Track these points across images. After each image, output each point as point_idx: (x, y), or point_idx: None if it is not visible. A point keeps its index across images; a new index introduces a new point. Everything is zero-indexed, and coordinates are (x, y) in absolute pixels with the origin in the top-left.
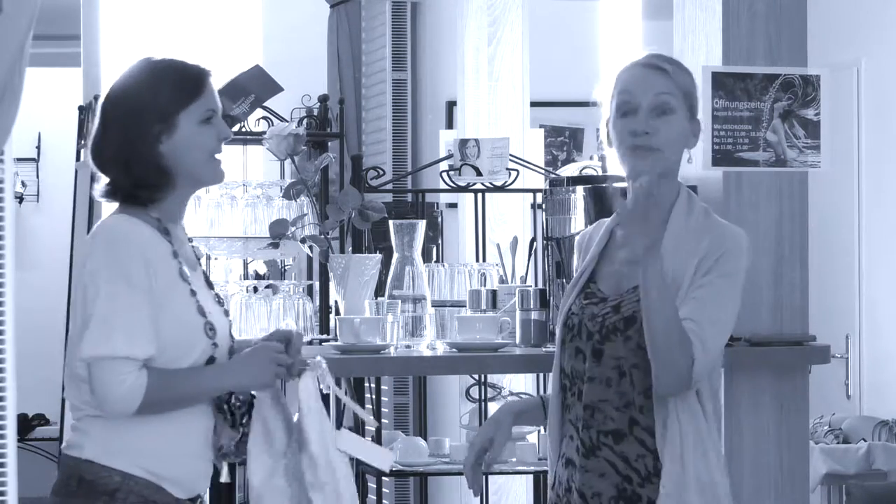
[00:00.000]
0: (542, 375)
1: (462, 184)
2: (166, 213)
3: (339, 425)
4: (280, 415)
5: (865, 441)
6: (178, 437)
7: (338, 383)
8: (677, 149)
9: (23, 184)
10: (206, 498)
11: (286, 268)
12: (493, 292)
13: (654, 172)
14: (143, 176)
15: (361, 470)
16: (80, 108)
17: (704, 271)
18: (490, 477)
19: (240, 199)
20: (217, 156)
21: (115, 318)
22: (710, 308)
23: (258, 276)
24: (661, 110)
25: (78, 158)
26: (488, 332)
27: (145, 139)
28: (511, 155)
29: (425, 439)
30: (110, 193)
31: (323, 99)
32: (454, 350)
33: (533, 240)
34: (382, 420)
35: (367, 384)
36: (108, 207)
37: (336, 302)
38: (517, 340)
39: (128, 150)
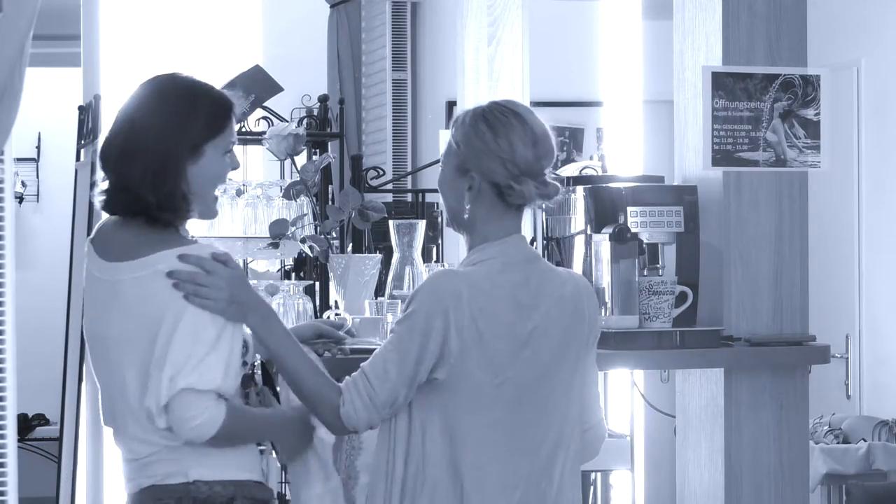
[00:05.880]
0: None
1: None
2: None
3: None
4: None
5: (865, 441)
6: None
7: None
8: (447, 197)
9: (23, 184)
10: None
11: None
12: None
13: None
14: (171, 197)
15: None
16: (80, 108)
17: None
18: None
19: (240, 199)
20: (218, 191)
21: (212, 354)
22: (376, 360)
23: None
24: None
25: (78, 158)
26: None
27: (178, 162)
28: None
29: None
30: (125, 209)
31: (323, 99)
32: None
33: (533, 240)
34: None
35: None
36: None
37: (336, 302)
38: None
39: (160, 170)
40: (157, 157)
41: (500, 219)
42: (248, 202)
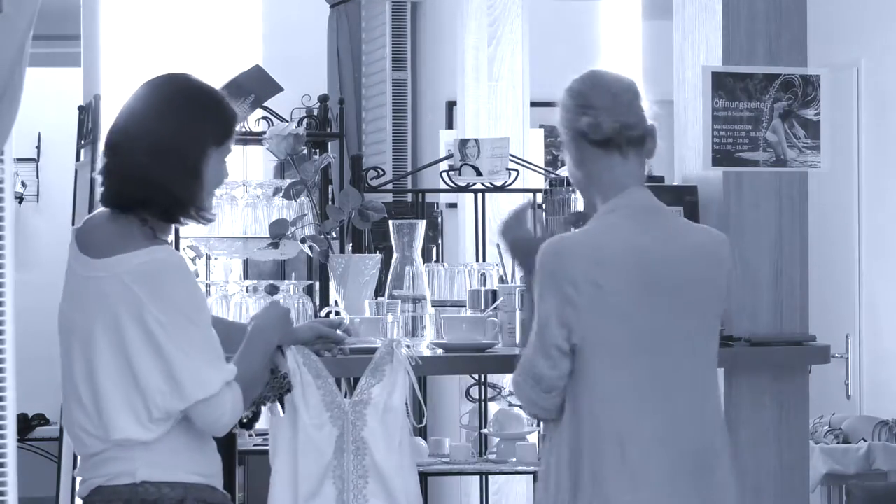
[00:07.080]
0: None
1: (462, 184)
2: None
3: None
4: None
5: (865, 441)
6: (209, 436)
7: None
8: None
9: (23, 184)
10: None
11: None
12: (493, 292)
13: None
14: (190, 197)
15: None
16: (80, 108)
17: None
18: (490, 477)
19: (240, 199)
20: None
21: (203, 354)
22: (531, 345)
23: None
24: None
25: (78, 158)
26: (474, 333)
27: (203, 162)
28: (511, 155)
29: (425, 439)
30: (132, 203)
31: (323, 99)
32: (440, 350)
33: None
34: None
35: None
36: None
37: (336, 302)
38: (516, 341)
39: (193, 168)
40: (186, 157)
41: (609, 171)
42: (248, 202)
